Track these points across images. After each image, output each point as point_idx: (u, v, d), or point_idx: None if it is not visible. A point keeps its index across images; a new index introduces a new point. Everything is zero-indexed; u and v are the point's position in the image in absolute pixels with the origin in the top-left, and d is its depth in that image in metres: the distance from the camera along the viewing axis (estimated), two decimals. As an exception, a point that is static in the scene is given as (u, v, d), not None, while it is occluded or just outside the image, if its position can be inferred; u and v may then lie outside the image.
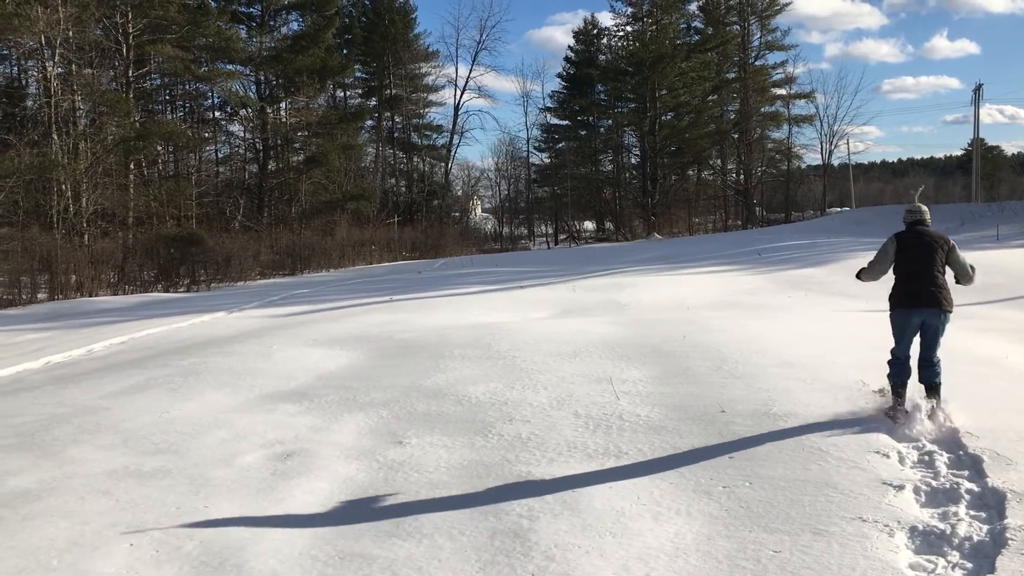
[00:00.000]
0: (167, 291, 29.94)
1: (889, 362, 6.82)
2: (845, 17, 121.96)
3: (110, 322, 18.90)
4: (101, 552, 4.95)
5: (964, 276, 6.93)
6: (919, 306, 6.65)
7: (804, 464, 5.78)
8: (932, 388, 6.66)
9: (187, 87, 46.27)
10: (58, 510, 5.70)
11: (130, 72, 36.53)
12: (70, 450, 7.29)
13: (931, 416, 6.35)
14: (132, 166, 35.89)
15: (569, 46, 62.18)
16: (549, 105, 63.15)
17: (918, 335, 6.73)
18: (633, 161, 60.69)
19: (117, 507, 5.71)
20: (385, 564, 4.59)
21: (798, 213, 60.05)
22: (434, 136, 60.66)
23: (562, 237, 60.66)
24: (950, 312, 6.67)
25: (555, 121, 63.55)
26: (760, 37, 58.61)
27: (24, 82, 40.95)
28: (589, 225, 64.78)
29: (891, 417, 6.51)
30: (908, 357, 6.75)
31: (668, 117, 57.00)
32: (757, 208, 59.95)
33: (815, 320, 12.43)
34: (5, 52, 38.07)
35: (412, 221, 52.43)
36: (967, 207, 41.74)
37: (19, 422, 8.51)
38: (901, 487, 5.24)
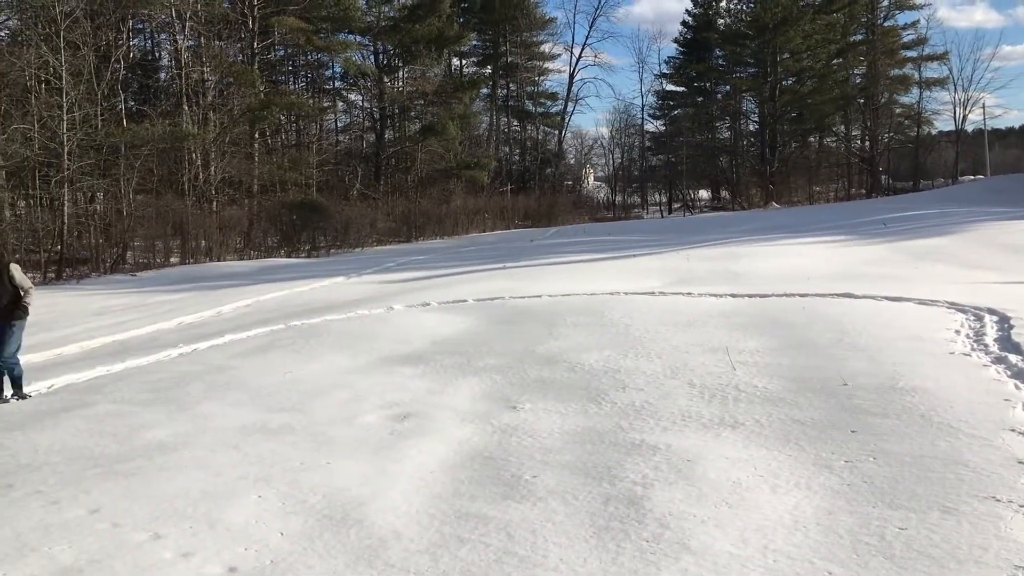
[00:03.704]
0: (289, 256, 31.00)
1: None
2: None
3: (237, 285, 19.71)
4: (232, 502, 5.19)
5: None
6: None
7: (932, 440, 5.55)
8: None
9: (308, 58, 47.43)
10: (191, 462, 6.01)
11: (255, 44, 37.70)
12: (202, 406, 7.67)
13: None
14: (257, 135, 37.16)
15: (687, 9, 60.62)
16: (665, 71, 61.97)
17: None
18: (751, 128, 58.93)
19: (245, 461, 5.98)
20: (500, 525, 4.66)
21: (927, 181, 57.23)
22: (548, 104, 60.45)
23: (676, 206, 59.68)
24: None
25: (671, 87, 62.25)
26: (890, -4, 55.81)
27: (157, 55, 42.83)
28: (704, 194, 63.47)
29: None
30: None
31: (789, 82, 55.03)
32: (883, 176, 57.47)
33: (946, 293, 11.87)
34: (140, 26, 39.81)
35: (525, 189, 52.51)
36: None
37: (155, 379, 9.00)
38: (1039, 468, 4.98)
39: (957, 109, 56.56)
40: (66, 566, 4.41)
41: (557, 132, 60.02)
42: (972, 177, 58.06)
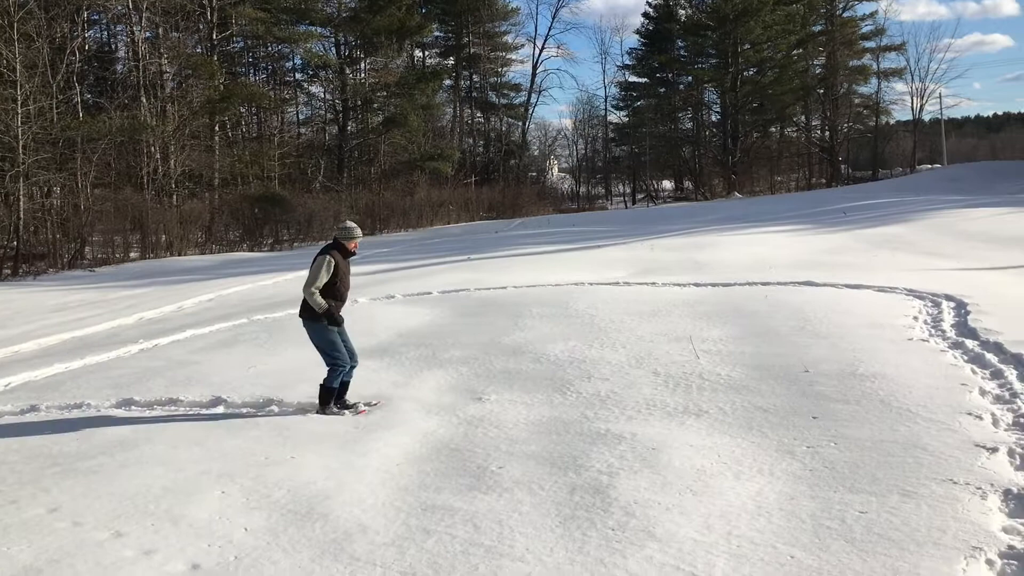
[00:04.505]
0: (251, 250, 30.70)
1: None
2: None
3: (198, 280, 19.49)
4: (195, 498, 5.14)
5: None
6: None
7: (892, 425, 5.64)
8: None
9: (268, 49, 46.92)
10: (153, 458, 5.93)
11: (214, 35, 37.20)
12: (163, 401, 7.57)
13: None
14: (217, 128, 36.70)
15: (648, 1, 60.84)
16: (628, 62, 62.14)
17: None
18: (713, 119, 59.29)
19: (208, 456, 5.92)
20: (466, 516, 4.66)
21: (886, 170, 57.98)
22: (512, 95, 60.35)
23: (640, 196, 59.93)
24: None
25: (633, 79, 62.42)
26: (849, -14, 56.38)
27: (113, 46, 42.11)
28: (667, 184, 63.74)
29: None
30: None
31: (751, 73, 55.45)
32: (842, 166, 58.15)
33: (904, 280, 12.05)
34: (95, 17, 39.08)
35: (489, 181, 52.39)
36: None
37: (115, 375, 8.87)
38: (995, 449, 5.08)
39: (914, 99, 57.43)
40: (25, 566, 4.34)
41: (521, 123, 59.95)
42: (929, 166, 58.96)
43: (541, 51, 58.94)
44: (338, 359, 6.95)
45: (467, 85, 57.61)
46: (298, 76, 49.05)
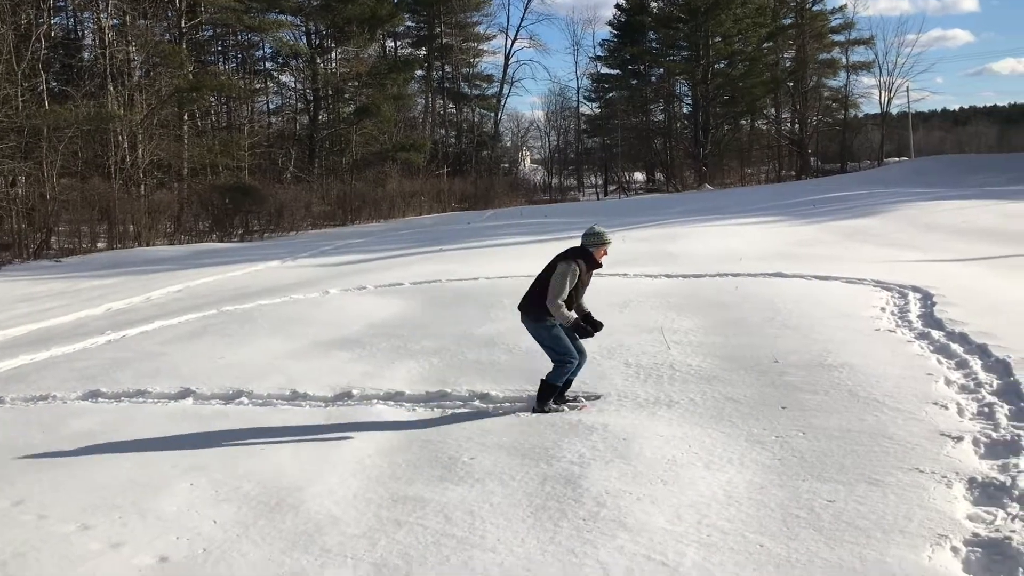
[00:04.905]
0: (221, 241, 30.41)
1: None
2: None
3: (167, 270, 19.29)
4: (163, 491, 5.09)
5: None
6: None
7: (859, 415, 5.70)
8: None
9: (239, 38, 46.42)
10: (121, 450, 5.87)
11: (183, 23, 36.74)
12: (131, 393, 7.49)
13: None
14: (186, 117, 36.29)
15: (620, -8, 60.83)
16: (600, 54, 62.12)
17: None
18: (685, 111, 59.50)
19: (177, 448, 5.86)
20: (438, 507, 4.65)
21: (854, 163, 58.52)
22: (484, 86, 60.16)
23: (612, 188, 60.04)
24: None
25: (606, 70, 62.44)
26: (819, -21, 56.76)
27: (80, 33, 41.44)
28: (639, 176, 63.90)
29: None
30: None
31: (722, 65, 55.70)
32: (812, 158, 58.62)
33: (872, 272, 12.18)
34: (61, 3, 38.46)
35: (461, 172, 52.24)
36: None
37: (82, 366, 8.76)
38: (960, 438, 5.15)
39: (882, 93, 57.90)
40: (-11, 560, 4.28)
41: (493, 114, 59.78)
42: (897, 159, 59.58)
43: (513, 42, 58.78)
44: (565, 357, 6.32)
45: (439, 75, 57.33)
46: (268, 65, 48.63)
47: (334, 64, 45.46)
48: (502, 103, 59.77)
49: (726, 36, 53.25)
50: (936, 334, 7.72)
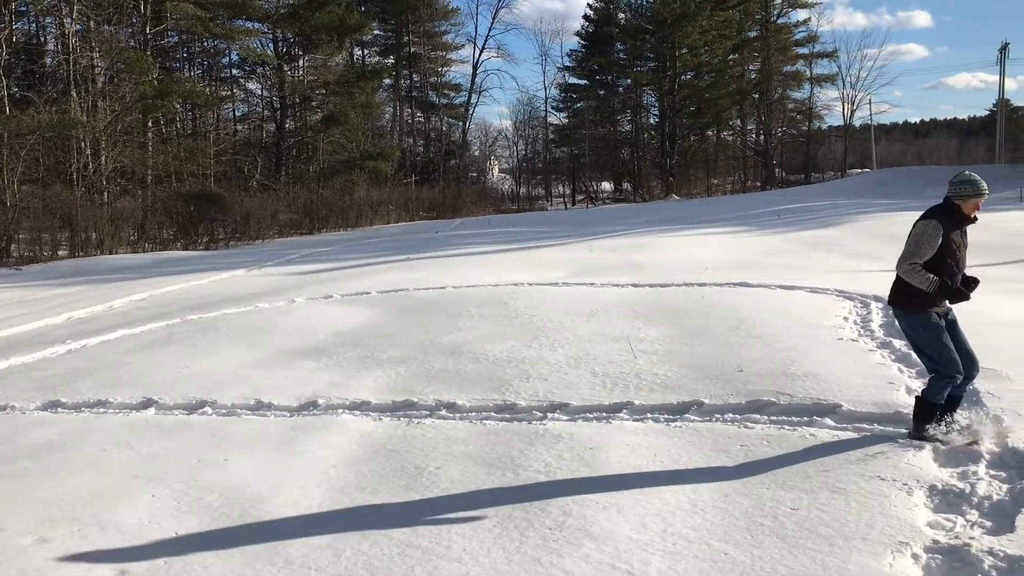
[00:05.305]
0: (186, 249, 30.10)
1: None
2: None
3: (130, 279, 19.02)
4: (123, 503, 5.01)
5: None
6: None
7: (822, 423, 5.76)
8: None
9: (205, 44, 46.08)
10: (80, 462, 5.77)
11: (148, 29, 36.38)
12: (92, 403, 7.38)
13: None
14: (151, 124, 35.90)
15: (588, 3, 61.26)
16: (568, 64, 62.50)
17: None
18: (652, 121, 60.01)
19: (139, 459, 5.78)
20: (403, 518, 4.62)
21: (818, 174, 59.40)
22: (452, 95, 60.27)
23: (580, 198, 60.29)
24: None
25: (574, 80, 62.84)
26: (783, -6, 57.57)
27: (43, 39, 40.91)
28: (607, 186, 64.26)
29: None
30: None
31: (688, 77, 56.28)
32: (776, 169, 59.34)
33: (835, 281, 12.33)
34: (23, 8, 37.94)
35: (429, 181, 52.25)
36: (990, 168, 41.15)
37: (41, 376, 8.62)
38: (920, 447, 5.21)
39: (845, 105, 58.83)
40: (-57, 575, 4.19)
41: (461, 123, 59.92)
42: (860, 170, 60.50)
43: (481, 52, 59.02)
44: (945, 365, 5.20)
45: (407, 84, 57.38)
46: (235, 72, 48.36)
47: (301, 72, 45.28)
48: (470, 112, 59.98)
49: (692, 48, 53.84)
50: (897, 343, 7.82)
